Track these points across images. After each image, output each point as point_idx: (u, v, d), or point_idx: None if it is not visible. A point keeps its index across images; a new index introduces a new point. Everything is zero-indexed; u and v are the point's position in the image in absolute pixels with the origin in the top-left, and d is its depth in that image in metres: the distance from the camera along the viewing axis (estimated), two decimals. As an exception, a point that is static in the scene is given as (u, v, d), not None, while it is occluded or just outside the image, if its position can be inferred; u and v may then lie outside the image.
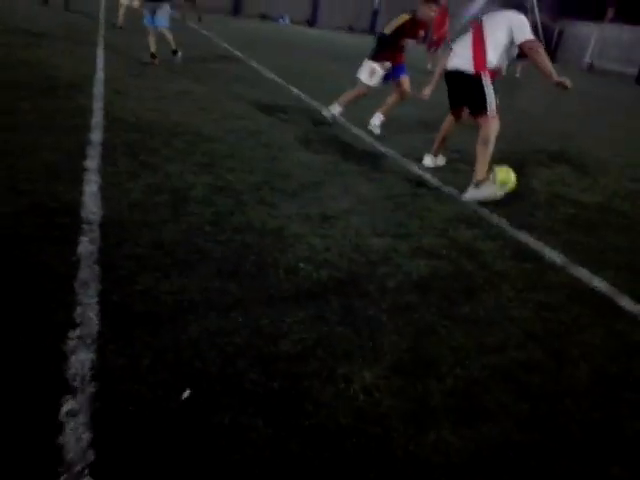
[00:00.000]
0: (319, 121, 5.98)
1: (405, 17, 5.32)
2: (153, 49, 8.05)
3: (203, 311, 2.17)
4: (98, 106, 5.06)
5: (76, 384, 1.70)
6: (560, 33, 30.76)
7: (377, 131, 5.70)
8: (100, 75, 6.54)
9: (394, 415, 1.79)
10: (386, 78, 5.58)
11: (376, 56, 5.48)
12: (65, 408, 1.60)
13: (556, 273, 3.03)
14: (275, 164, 4.23)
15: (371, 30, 26.93)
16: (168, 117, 5.11)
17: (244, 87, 7.37)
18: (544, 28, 29.44)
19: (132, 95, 5.79)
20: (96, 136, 4.14)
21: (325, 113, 5.95)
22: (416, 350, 2.15)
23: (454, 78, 4.24)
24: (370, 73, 5.49)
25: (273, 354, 1.99)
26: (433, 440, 1.72)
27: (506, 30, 3.98)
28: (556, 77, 3.87)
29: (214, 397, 1.75)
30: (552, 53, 30.11)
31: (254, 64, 9.72)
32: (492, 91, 4.03)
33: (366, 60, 5.54)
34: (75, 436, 1.52)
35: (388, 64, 5.46)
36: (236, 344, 2.01)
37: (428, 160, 4.86)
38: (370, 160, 4.77)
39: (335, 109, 5.84)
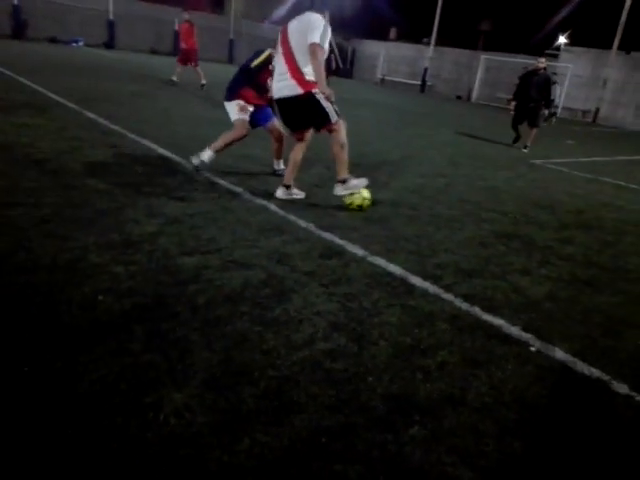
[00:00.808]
0: (114, 144, 5.66)
1: (268, 52, 4.81)
2: None
3: (-23, 369, 1.88)
4: None
5: None
6: (353, 51, 33.98)
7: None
8: None
9: (207, 431, 1.75)
10: (255, 123, 5.00)
11: (238, 93, 4.83)
12: None
13: (357, 265, 3.30)
14: (66, 193, 3.87)
15: (229, 61, 26.60)
16: None
17: (30, 114, 6.65)
18: (339, 47, 32.35)
19: None
20: None
21: (194, 161, 4.85)
22: (228, 361, 2.14)
23: (286, 105, 4.22)
24: (240, 109, 4.85)
25: (67, 401, 1.80)
26: (247, 445, 1.72)
27: (306, 35, 3.97)
28: (323, 87, 4.01)
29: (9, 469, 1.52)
30: (349, 70, 33.16)
31: (42, 89, 8.84)
32: (324, 100, 4.05)
33: (227, 102, 4.91)
34: None
35: (250, 107, 4.91)
36: (21, 401, 1.77)
37: (281, 192, 4.48)
38: (176, 179, 4.67)
39: (206, 155, 4.84)
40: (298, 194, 4.62)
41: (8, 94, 8.00)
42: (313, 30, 3.97)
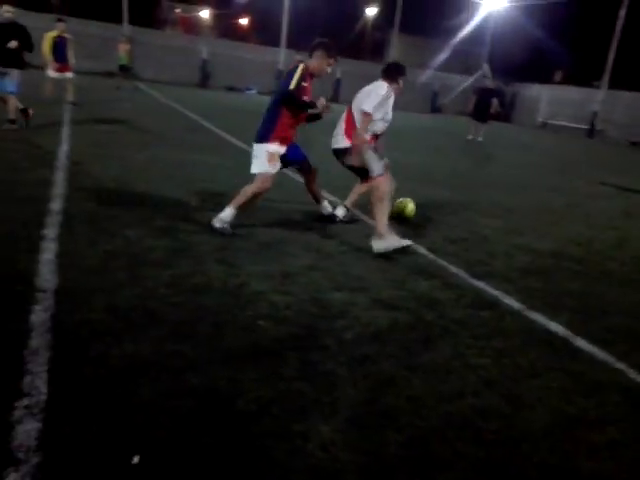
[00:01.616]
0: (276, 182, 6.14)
1: (302, 65, 4.06)
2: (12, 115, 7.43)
3: (155, 374, 2.13)
4: (60, 177, 5.09)
5: (21, 455, 1.62)
6: (514, 95, 32.81)
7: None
8: (64, 147, 6.62)
9: (350, 470, 1.76)
10: (289, 161, 4.37)
11: (273, 130, 4.09)
12: (7, 481, 1.52)
13: (513, 319, 3.10)
14: (238, 225, 4.28)
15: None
16: (131, 184, 5.17)
17: (208, 153, 7.54)
18: (499, 91, 31.54)
19: (96, 165, 5.86)
20: (56, 205, 4.14)
21: (217, 224, 4.05)
22: (374, 402, 2.14)
23: (338, 155, 4.68)
24: (270, 158, 4.08)
25: (228, 414, 1.95)
26: (391, 494, 1.68)
27: (363, 99, 4.47)
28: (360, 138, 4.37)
29: (165, 463, 1.69)
30: (508, 114, 32.02)
31: (218, 131, 10.00)
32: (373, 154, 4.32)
33: (256, 145, 4.15)
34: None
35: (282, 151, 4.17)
36: (189, 406, 1.97)
37: (377, 244, 3.98)
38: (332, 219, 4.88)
39: (227, 215, 4.05)
40: (399, 242, 3.93)
41: (193, 135, 9.20)
42: (370, 97, 4.41)
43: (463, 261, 4.03)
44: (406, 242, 3.96)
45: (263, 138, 4.11)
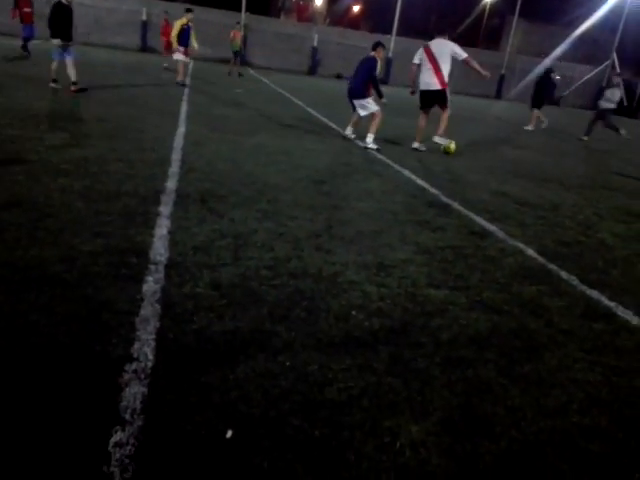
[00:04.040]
0: (380, 173, 6.07)
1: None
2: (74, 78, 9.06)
3: (252, 352, 2.20)
4: (176, 157, 5.44)
5: (126, 416, 1.76)
6: (644, 88, 29.66)
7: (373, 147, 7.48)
8: (181, 129, 7.06)
9: (440, 474, 1.70)
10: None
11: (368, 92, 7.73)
12: (114, 439, 1.66)
13: (630, 335, 2.81)
14: (335, 213, 4.30)
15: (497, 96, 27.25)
16: (240, 168, 5.39)
17: (314, 141, 7.66)
18: (626, 84, 28.65)
19: (209, 148, 6.18)
20: (171, 184, 4.43)
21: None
22: (469, 407, 2.05)
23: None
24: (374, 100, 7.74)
25: (318, 401, 1.97)
26: (481, 506, 1.60)
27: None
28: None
29: (255, 439, 1.75)
30: (635, 109, 29.04)
31: (324, 119, 10.10)
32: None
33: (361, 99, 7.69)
34: (120, 468, 1.57)
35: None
36: (282, 387, 2.01)
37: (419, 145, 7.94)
38: (432, 211, 4.74)
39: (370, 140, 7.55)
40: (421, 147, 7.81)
41: (300, 122, 9.39)
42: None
43: (576, 267, 3.72)
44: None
45: (365, 95, 7.61)
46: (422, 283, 3.16)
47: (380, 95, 7.57)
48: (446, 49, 7.52)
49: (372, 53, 7.66)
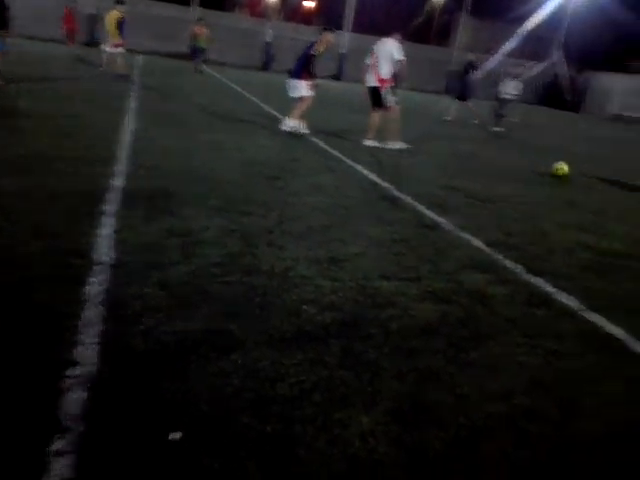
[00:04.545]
0: (332, 168, 6.10)
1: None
2: None
3: (204, 352, 2.17)
4: (123, 154, 5.28)
5: (67, 423, 1.70)
6: (585, 84, 31.02)
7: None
8: (129, 125, 6.86)
9: (388, 463, 1.73)
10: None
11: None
12: (54, 448, 1.59)
13: (569, 319, 2.94)
14: (288, 208, 4.29)
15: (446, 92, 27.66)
16: (191, 164, 5.29)
17: (268, 136, 7.60)
18: (571, 80, 29.88)
19: (158, 144, 6.03)
20: (118, 182, 4.30)
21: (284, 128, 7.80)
22: (418, 396, 2.09)
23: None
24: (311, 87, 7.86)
25: (269, 397, 1.96)
26: (429, 491, 1.64)
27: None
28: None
29: (206, 439, 1.72)
30: (579, 103, 30.33)
31: (279, 115, 10.06)
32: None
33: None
34: (60, 478, 1.50)
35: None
36: (233, 386, 1.99)
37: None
38: (384, 205, 4.81)
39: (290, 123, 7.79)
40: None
41: (253, 118, 9.30)
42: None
43: (520, 256, 3.86)
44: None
45: (300, 77, 7.78)
46: (374, 276, 3.20)
47: (310, 74, 7.80)
48: (387, 49, 7.69)
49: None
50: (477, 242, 4.07)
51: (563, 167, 7.41)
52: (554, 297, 3.21)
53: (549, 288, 3.33)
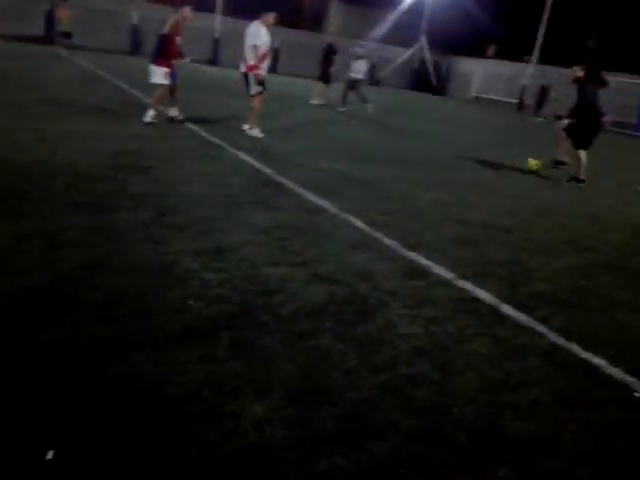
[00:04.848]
0: (211, 156, 5.95)
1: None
2: None
3: (74, 365, 2.00)
4: (-30, 150, 4.67)
5: None
6: (448, 68, 33.41)
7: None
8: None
9: (286, 447, 1.75)
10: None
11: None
12: None
13: (443, 288, 3.18)
14: (166, 200, 4.11)
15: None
16: (46, 158, 4.81)
17: (136, 125, 7.17)
18: (434, 64, 31.97)
19: (5, 138, 5.39)
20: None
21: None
22: (310, 377, 2.14)
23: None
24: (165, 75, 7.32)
25: (155, 400, 1.88)
26: (325, 467, 1.69)
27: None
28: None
29: (85, 455, 1.61)
30: (443, 87, 32.59)
31: (149, 101, 9.53)
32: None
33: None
34: None
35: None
36: (115, 395, 1.87)
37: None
38: (268, 191, 4.80)
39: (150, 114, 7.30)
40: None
41: (121, 106, 8.71)
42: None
43: (398, 233, 4.09)
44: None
45: (156, 62, 7.25)
46: (261, 263, 3.18)
47: (165, 58, 7.27)
48: (250, 32, 7.52)
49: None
50: (359, 223, 4.23)
51: (532, 162, 7.93)
52: (429, 269, 3.45)
53: (425, 261, 3.57)
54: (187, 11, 7.47)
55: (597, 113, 7.20)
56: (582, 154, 7.28)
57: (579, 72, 7.35)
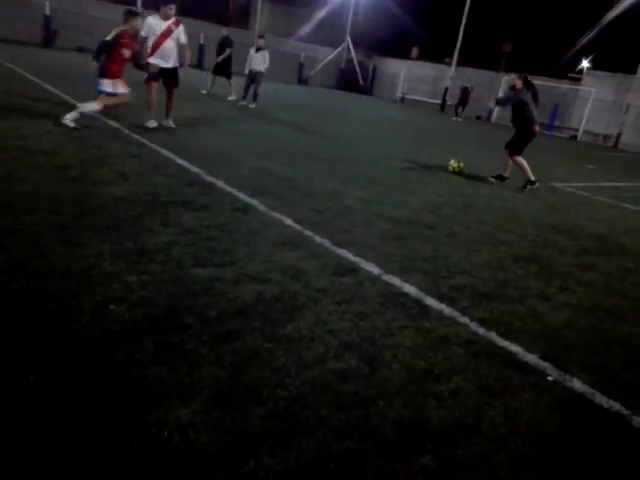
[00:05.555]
0: (137, 154, 5.72)
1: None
2: None
3: (-17, 376, 1.85)
4: None
5: None
6: (374, 69, 34.18)
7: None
8: None
9: (211, 451, 1.71)
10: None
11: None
12: None
13: (372, 284, 3.24)
14: (86, 200, 3.90)
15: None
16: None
17: (55, 122, 6.75)
18: (360, 64, 32.61)
19: None
20: None
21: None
22: (237, 378, 2.10)
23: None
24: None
25: (70, 414, 1.77)
26: (252, 468, 1.67)
27: None
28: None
29: (-6, 474, 1.49)
30: (369, 87, 33.32)
31: (68, 98, 9.01)
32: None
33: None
34: None
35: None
36: (26, 409, 1.75)
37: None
38: (195, 190, 4.67)
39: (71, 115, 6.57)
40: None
41: (35, 102, 8.16)
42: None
43: (327, 231, 4.12)
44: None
45: (100, 73, 6.64)
46: (187, 264, 3.10)
47: (110, 72, 6.58)
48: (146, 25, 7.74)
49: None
50: (288, 221, 4.22)
51: (455, 165, 8.18)
52: (359, 265, 3.51)
53: (354, 258, 3.63)
54: (135, 23, 7.03)
55: (533, 122, 7.44)
56: (520, 159, 7.62)
57: (517, 81, 7.47)
